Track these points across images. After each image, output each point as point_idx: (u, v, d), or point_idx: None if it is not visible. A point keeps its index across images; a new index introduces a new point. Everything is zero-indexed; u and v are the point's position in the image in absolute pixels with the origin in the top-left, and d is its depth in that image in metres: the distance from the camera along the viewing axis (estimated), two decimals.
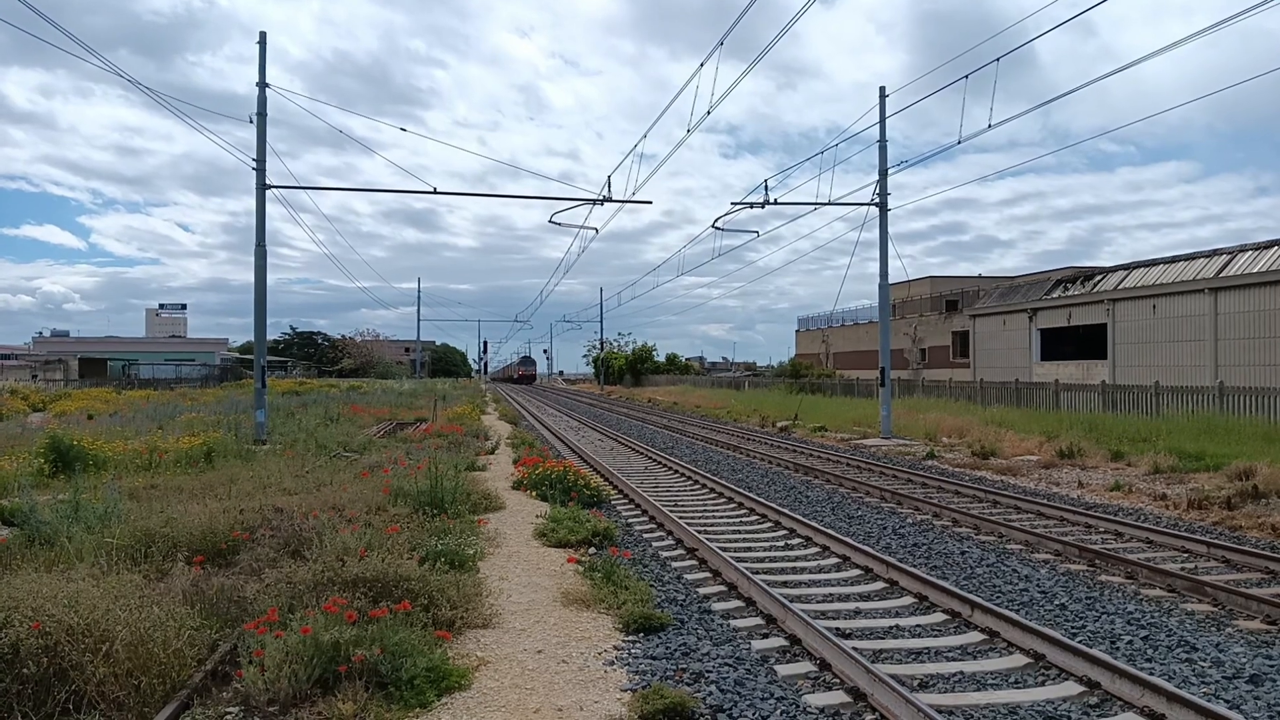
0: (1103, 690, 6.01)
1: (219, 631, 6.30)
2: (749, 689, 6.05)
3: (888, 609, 8.33)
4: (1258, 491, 13.77)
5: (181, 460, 16.10)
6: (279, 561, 7.66)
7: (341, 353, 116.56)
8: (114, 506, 9.82)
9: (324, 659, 5.55)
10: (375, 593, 6.78)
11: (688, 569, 9.87)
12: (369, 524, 9.34)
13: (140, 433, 20.46)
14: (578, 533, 10.71)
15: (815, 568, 10.05)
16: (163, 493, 12.19)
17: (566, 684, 5.99)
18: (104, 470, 14.78)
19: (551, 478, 14.53)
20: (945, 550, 10.83)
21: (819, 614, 7.99)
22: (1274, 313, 28.88)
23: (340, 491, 11.78)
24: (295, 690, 5.36)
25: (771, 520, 12.81)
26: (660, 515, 12.86)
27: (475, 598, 7.52)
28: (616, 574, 8.63)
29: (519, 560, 9.75)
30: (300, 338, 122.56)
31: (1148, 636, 7.33)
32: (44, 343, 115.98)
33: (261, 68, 23.10)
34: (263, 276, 23.21)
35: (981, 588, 9.04)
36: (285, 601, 6.54)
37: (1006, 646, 7.06)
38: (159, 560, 7.96)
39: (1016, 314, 42.92)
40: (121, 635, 5.37)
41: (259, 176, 23.12)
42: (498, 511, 12.81)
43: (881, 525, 12.58)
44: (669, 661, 6.55)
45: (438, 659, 5.92)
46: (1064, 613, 8.12)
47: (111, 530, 8.66)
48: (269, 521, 9.22)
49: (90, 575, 6.75)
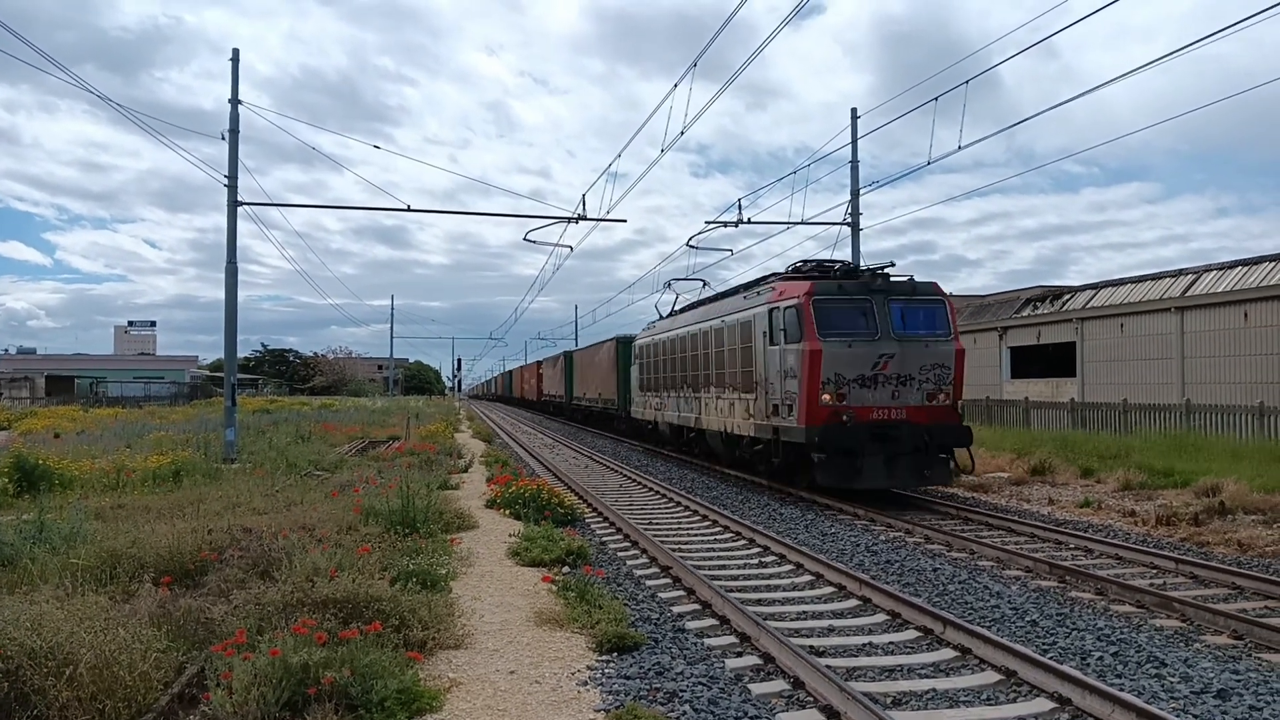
0: (1074, 707, 6.05)
1: (186, 654, 6.20)
2: (723, 708, 6.03)
3: (861, 626, 8.35)
4: (1224, 507, 13.95)
5: (149, 479, 15.88)
6: (248, 582, 7.56)
7: (313, 370, 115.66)
8: (79, 527, 9.67)
9: (293, 681, 5.47)
10: (346, 614, 6.70)
11: (662, 587, 9.85)
12: (340, 544, 9.24)
13: (108, 451, 20.17)
14: (551, 551, 10.66)
15: (789, 585, 10.06)
16: (130, 512, 12.01)
17: (539, 705, 5.95)
18: (70, 490, 14.56)
19: (525, 496, 14.46)
20: (918, 567, 10.88)
21: (792, 632, 7.99)
22: (1238, 331, 29.35)
23: (311, 511, 11.65)
24: (264, 713, 5.27)
25: (746, 538, 12.82)
26: (635, 533, 12.83)
27: (447, 618, 7.45)
28: (590, 593, 8.59)
29: (492, 580, 9.68)
30: (271, 355, 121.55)
31: (1118, 652, 7.39)
32: (9, 360, 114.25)
33: (234, 84, 22.98)
34: (233, 294, 23.02)
35: (954, 604, 9.09)
36: (254, 623, 6.45)
37: (978, 663, 7.09)
38: (125, 581, 7.83)
39: (986, 332, 43.31)
40: (85, 658, 5.27)
41: (230, 193, 22.96)
42: (471, 530, 12.73)
43: (855, 542, 12.61)
44: (643, 681, 6.52)
45: (409, 680, 5.86)
46: (1035, 629, 8.17)
47: (77, 551, 8.53)
48: (238, 541, 9.10)
49: (54, 597, 6.64)
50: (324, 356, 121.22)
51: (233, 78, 22.96)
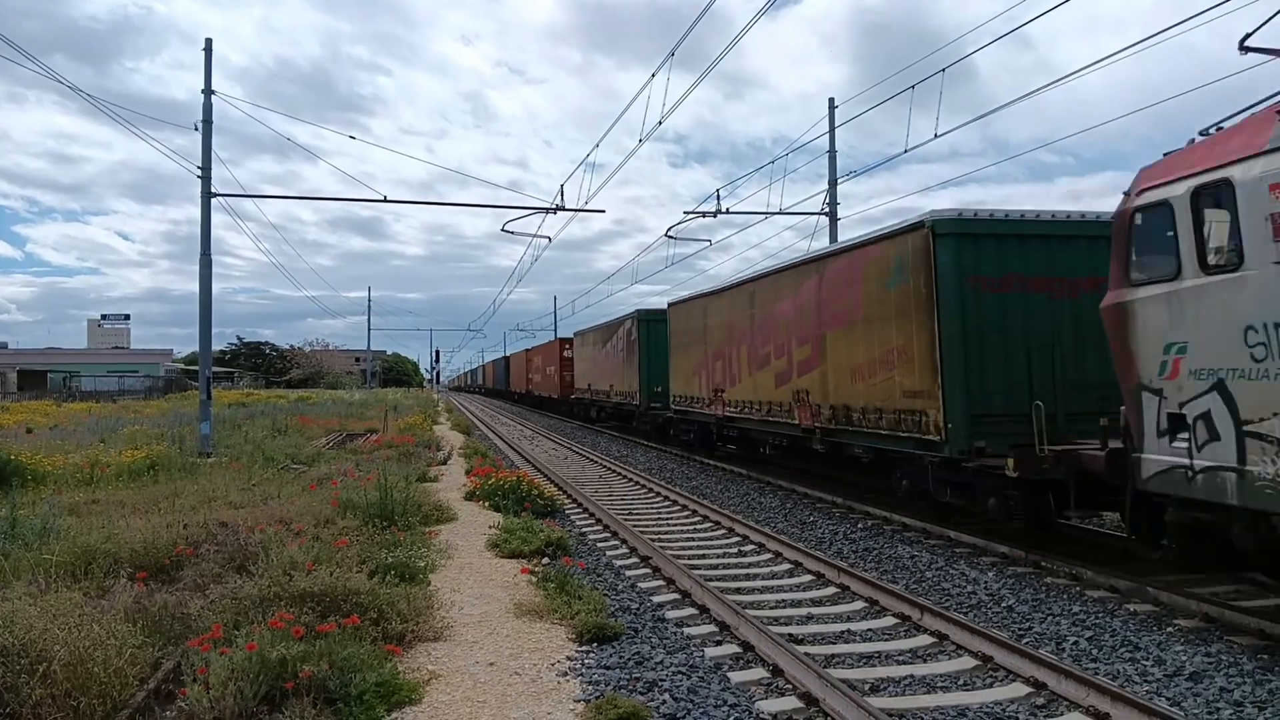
0: (1049, 691, 6.12)
1: (162, 649, 6.15)
2: (702, 696, 6.05)
3: (839, 614, 8.40)
4: None
5: (124, 474, 15.72)
6: (224, 577, 7.50)
7: (290, 363, 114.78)
8: (53, 522, 9.56)
9: (271, 676, 5.44)
10: (323, 607, 6.67)
11: (642, 577, 9.86)
12: (317, 537, 9.19)
13: (81, 446, 19.93)
14: (531, 543, 10.64)
15: (768, 574, 10.10)
16: (104, 508, 11.88)
17: (519, 696, 5.95)
18: (43, 485, 14.40)
19: (504, 488, 14.42)
20: (895, 555, 10.95)
21: (771, 620, 8.03)
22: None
23: (288, 505, 11.58)
24: (241, 708, 5.25)
25: (725, 527, 12.85)
26: (614, 524, 12.84)
27: (426, 611, 7.43)
28: (570, 584, 8.59)
29: (471, 572, 9.66)
30: (247, 348, 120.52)
31: (1093, 637, 7.47)
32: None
33: (207, 74, 22.70)
34: (208, 286, 22.77)
35: (931, 591, 9.16)
36: (231, 618, 6.40)
37: (955, 649, 7.16)
38: (100, 577, 7.75)
39: None
40: (60, 655, 5.22)
41: (204, 184, 22.70)
42: (450, 523, 12.69)
43: (833, 530, 12.67)
44: (622, 671, 6.53)
45: (388, 673, 5.84)
46: (1011, 615, 8.24)
47: (50, 547, 8.42)
48: (214, 536, 9.03)
49: (27, 594, 6.57)
50: (300, 349, 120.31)
51: (206, 68, 22.68)
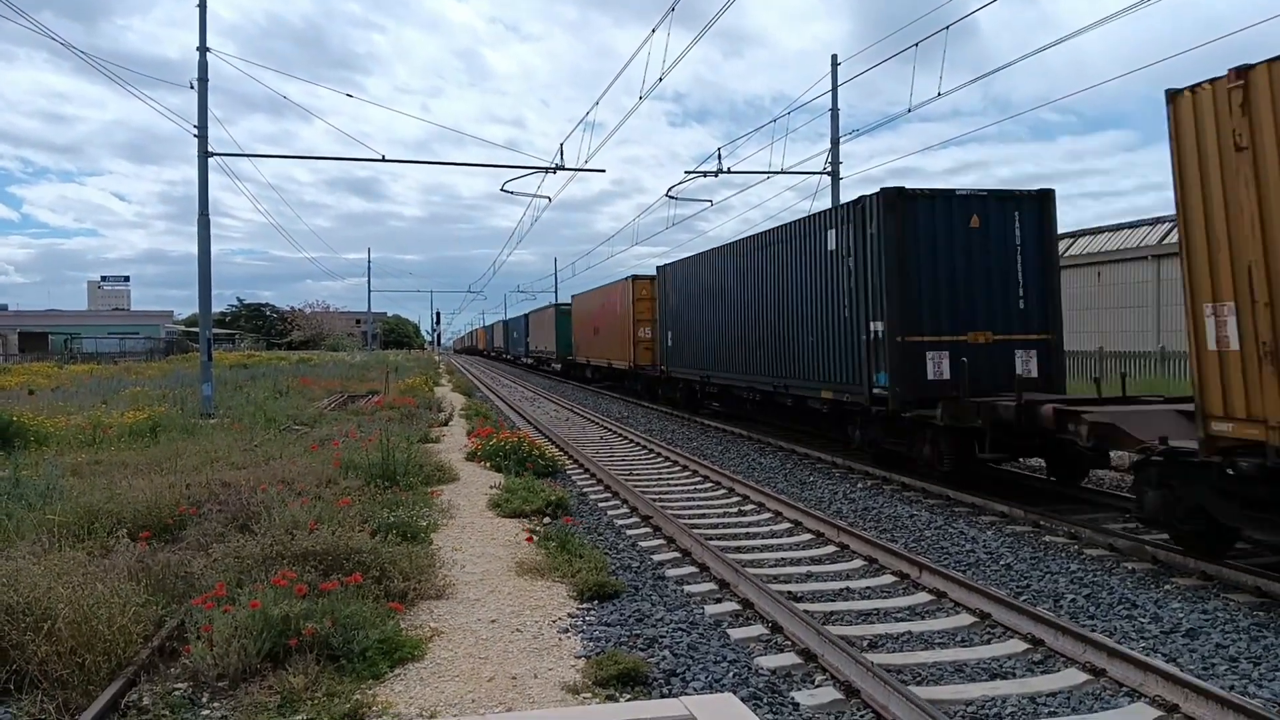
0: (1046, 647, 6.16)
1: (166, 608, 6.20)
2: (702, 653, 6.11)
3: (838, 572, 8.45)
4: None
5: (126, 435, 15.75)
6: (227, 536, 7.54)
7: (290, 325, 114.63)
8: (56, 483, 9.60)
9: (274, 633, 5.49)
10: (326, 566, 6.71)
11: (642, 536, 9.92)
12: (319, 497, 9.22)
13: (83, 408, 19.97)
14: (532, 503, 10.69)
15: (768, 533, 10.15)
16: (107, 468, 11.92)
17: (521, 652, 6.00)
18: (45, 446, 14.43)
19: (506, 449, 14.46)
20: (895, 514, 11.00)
21: (771, 578, 8.08)
22: None
23: (290, 465, 11.61)
24: (245, 665, 5.30)
25: (725, 487, 12.90)
26: (615, 484, 12.89)
27: (428, 569, 7.48)
28: (571, 543, 8.63)
29: (473, 531, 9.72)
30: (248, 310, 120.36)
31: (1090, 594, 7.52)
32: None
33: (202, 31, 22.41)
34: (206, 247, 22.66)
35: (930, 550, 9.21)
36: (234, 576, 6.44)
37: (953, 606, 7.21)
38: (103, 537, 7.79)
39: None
40: (64, 613, 5.26)
41: (201, 144, 22.51)
42: (451, 483, 12.74)
43: (833, 490, 12.73)
44: (623, 628, 6.58)
45: (390, 630, 5.89)
46: (1009, 573, 8.30)
47: (53, 507, 8.46)
48: (216, 496, 9.07)
49: (31, 553, 6.60)
50: (301, 311, 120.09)
51: (200, 24, 22.38)
